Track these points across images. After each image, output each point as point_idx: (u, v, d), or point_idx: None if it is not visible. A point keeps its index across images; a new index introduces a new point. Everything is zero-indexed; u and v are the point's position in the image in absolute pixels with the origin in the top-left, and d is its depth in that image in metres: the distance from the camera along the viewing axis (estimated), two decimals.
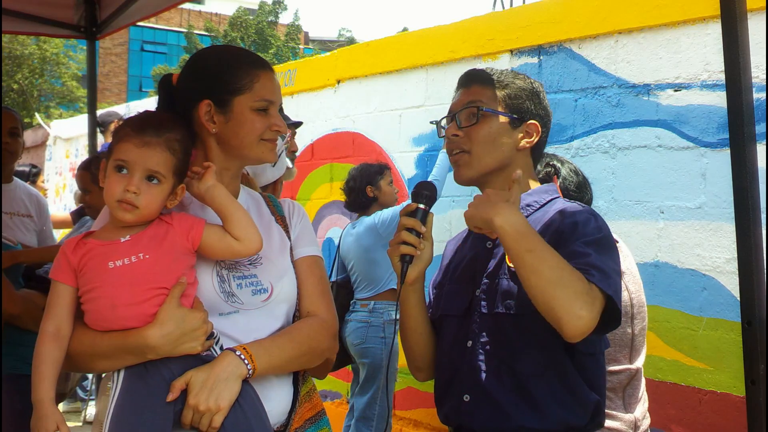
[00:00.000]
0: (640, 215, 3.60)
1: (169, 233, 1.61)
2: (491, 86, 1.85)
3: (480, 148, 1.81)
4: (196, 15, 37.67)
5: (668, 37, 3.54)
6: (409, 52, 4.98)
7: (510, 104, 1.84)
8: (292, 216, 1.88)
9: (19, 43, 23.54)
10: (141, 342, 1.53)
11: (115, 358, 1.56)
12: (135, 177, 1.57)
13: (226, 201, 1.66)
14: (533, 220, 1.80)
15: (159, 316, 1.54)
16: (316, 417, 1.78)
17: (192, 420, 1.53)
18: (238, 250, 1.66)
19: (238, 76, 1.73)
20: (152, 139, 1.59)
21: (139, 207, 1.57)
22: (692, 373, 3.36)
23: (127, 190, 1.56)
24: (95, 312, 1.57)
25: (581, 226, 1.71)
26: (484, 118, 1.81)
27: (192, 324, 1.56)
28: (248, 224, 1.66)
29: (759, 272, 1.87)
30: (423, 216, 1.76)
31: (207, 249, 1.64)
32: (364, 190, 4.39)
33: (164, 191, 1.60)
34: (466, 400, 1.77)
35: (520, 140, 1.84)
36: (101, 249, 1.58)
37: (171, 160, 1.60)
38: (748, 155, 1.88)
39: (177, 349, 1.55)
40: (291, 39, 32.38)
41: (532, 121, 1.84)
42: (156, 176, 1.58)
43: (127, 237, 1.59)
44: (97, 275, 1.57)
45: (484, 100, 1.83)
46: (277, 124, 1.76)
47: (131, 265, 1.56)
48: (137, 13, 3.97)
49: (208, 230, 1.64)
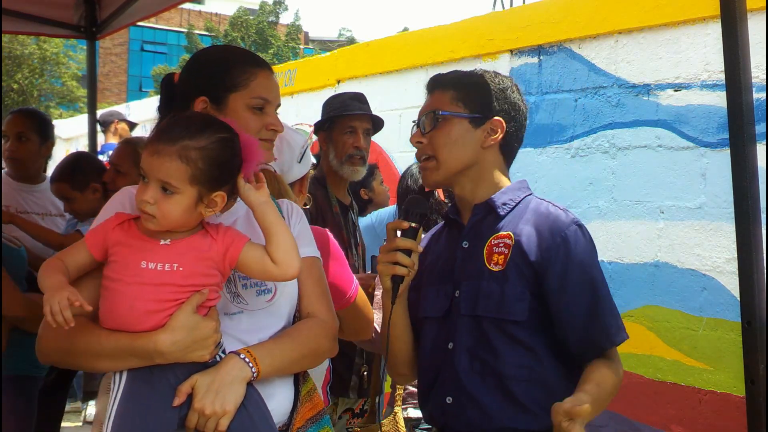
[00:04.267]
0: (640, 215, 3.60)
1: (211, 248, 1.56)
2: (450, 89, 1.88)
3: (443, 153, 1.84)
4: (196, 15, 37.66)
5: (668, 37, 3.53)
6: (409, 52, 4.98)
7: (470, 104, 1.85)
8: (291, 217, 1.88)
9: (19, 43, 23.54)
10: (150, 347, 1.51)
11: (120, 359, 1.54)
12: (150, 187, 1.51)
13: (276, 221, 1.62)
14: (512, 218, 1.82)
15: (171, 323, 1.52)
16: (317, 416, 1.78)
17: (197, 424, 1.52)
18: (274, 274, 1.61)
19: (234, 74, 1.73)
20: (164, 148, 1.51)
21: (156, 218, 1.51)
22: (692, 373, 3.36)
23: (143, 200, 1.51)
24: (111, 308, 1.54)
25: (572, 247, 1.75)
26: (443, 122, 1.84)
27: (203, 333, 1.54)
28: (291, 248, 1.62)
29: (759, 272, 1.88)
30: (414, 234, 1.79)
31: (243, 268, 1.60)
32: (358, 193, 4.41)
33: (182, 202, 1.52)
34: (449, 401, 1.78)
35: (485, 138, 1.85)
36: (139, 243, 1.54)
37: (185, 170, 1.50)
38: (748, 155, 1.89)
39: (186, 356, 1.53)
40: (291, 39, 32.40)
41: (496, 117, 1.85)
42: (169, 187, 1.51)
43: (168, 241, 1.55)
44: (125, 269, 1.53)
45: (442, 105, 1.86)
46: (273, 123, 1.75)
47: (162, 273, 1.52)
48: (137, 13, 3.98)
49: (247, 249, 1.58)
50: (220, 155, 1.54)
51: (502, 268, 1.76)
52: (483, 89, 1.87)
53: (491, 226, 1.82)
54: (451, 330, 1.80)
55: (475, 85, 1.88)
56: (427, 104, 1.91)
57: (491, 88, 1.87)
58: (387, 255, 1.78)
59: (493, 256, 1.78)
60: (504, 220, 1.82)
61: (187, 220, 1.55)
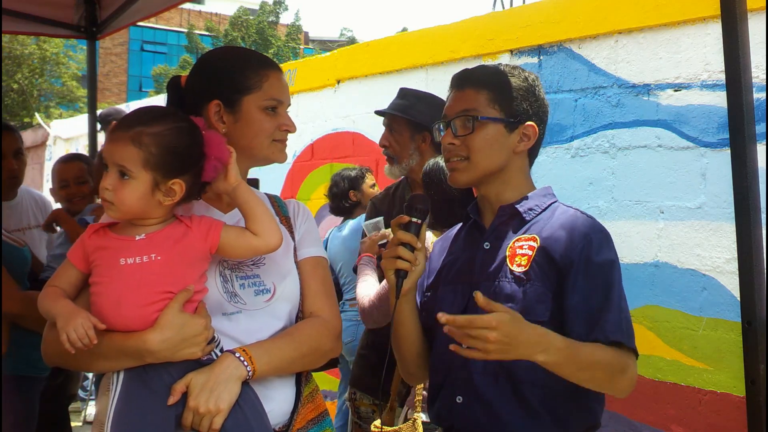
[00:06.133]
0: (640, 215, 3.60)
1: (187, 236, 1.59)
2: (485, 88, 1.81)
3: (478, 156, 1.79)
4: (197, 15, 37.66)
5: (668, 37, 3.53)
6: (409, 52, 4.98)
7: (505, 107, 1.80)
8: (297, 216, 1.89)
9: (19, 43, 23.52)
10: (141, 346, 1.53)
11: (114, 359, 1.56)
12: (110, 173, 1.56)
13: (250, 198, 1.67)
14: (537, 222, 1.79)
15: (159, 321, 1.54)
16: (318, 418, 1.78)
17: (192, 422, 1.53)
18: (257, 246, 1.65)
19: (247, 76, 1.73)
20: (120, 134, 1.57)
21: (114, 203, 1.55)
22: (692, 373, 3.36)
23: (103, 187, 1.56)
24: (100, 309, 1.56)
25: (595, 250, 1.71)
26: (479, 126, 1.79)
27: (193, 330, 1.55)
28: (270, 220, 1.67)
29: (759, 272, 1.88)
30: (416, 230, 1.75)
31: (227, 249, 1.63)
32: (348, 195, 4.42)
33: (138, 187, 1.55)
34: (459, 401, 1.75)
35: (518, 143, 1.82)
36: (115, 243, 1.58)
37: (138, 154, 1.54)
38: (748, 155, 1.89)
39: (176, 354, 1.54)
40: (291, 39, 32.39)
41: (530, 122, 1.82)
42: (126, 172, 1.55)
43: (142, 235, 1.58)
44: (107, 270, 1.56)
45: (478, 106, 1.80)
46: (286, 123, 1.77)
47: (141, 265, 1.55)
48: (137, 13, 3.98)
49: (226, 229, 1.63)
50: (174, 142, 1.58)
51: (525, 269, 1.72)
52: (518, 91, 1.82)
53: (516, 229, 1.80)
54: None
55: (510, 86, 1.82)
56: (458, 102, 1.83)
57: (525, 90, 1.82)
58: (389, 249, 1.76)
59: (516, 257, 1.74)
60: (529, 224, 1.79)
61: (144, 207, 1.57)
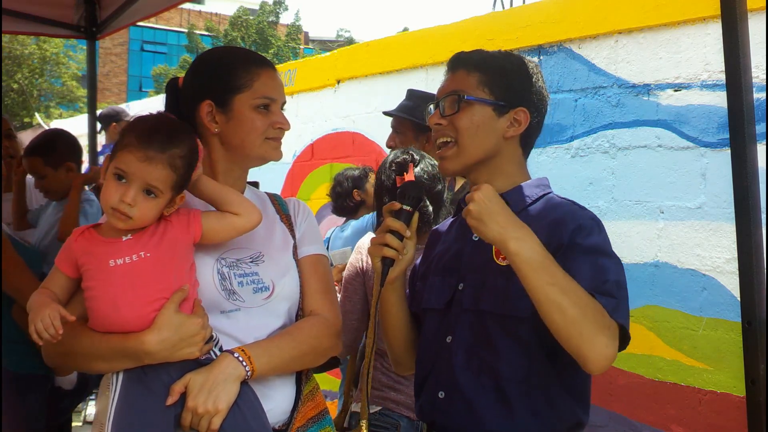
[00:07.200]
0: (640, 215, 3.60)
1: (169, 229, 1.60)
2: (476, 70, 1.76)
3: (465, 139, 1.73)
4: (197, 15, 37.65)
5: (668, 37, 3.53)
6: (409, 52, 4.98)
7: (495, 90, 1.74)
8: (297, 215, 1.89)
9: (19, 43, 23.53)
10: (138, 347, 1.53)
11: (113, 360, 1.56)
12: (132, 189, 1.55)
13: (214, 187, 1.67)
14: (527, 214, 1.72)
15: (156, 322, 1.54)
16: (318, 416, 1.78)
17: (191, 422, 1.53)
18: (241, 224, 1.66)
19: (237, 75, 1.73)
20: (155, 155, 1.55)
21: (133, 218, 1.55)
22: (692, 373, 3.36)
23: (122, 201, 1.54)
24: (97, 312, 1.57)
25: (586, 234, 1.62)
26: (466, 106, 1.72)
27: (190, 330, 1.55)
28: (242, 200, 1.68)
29: (759, 272, 1.88)
30: (407, 218, 1.71)
31: (211, 234, 1.64)
32: (351, 194, 4.42)
33: (160, 205, 1.58)
34: (441, 396, 1.72)
35: (507, 128, 1.75)
36: (103, 246, 1.58)
37: (171, 176, 1.57)
38: (749, 155, 1.89)
39: (174, 354, 1.55)
40: (291, 39, 32.38)
41: (521, 107, 1.75)
42: (154, 191, 1.56)
43: (129, 236, 1.58)
44: (97, 273, 1.57)
45: (467, 87, 1.74)
46: (279, 121, 1.76)
47: (132, 264, 1.55)
48: (137, 13, 3.98)
49: (206, 215, 1.64)
50: (193, 161, 1.62)
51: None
52: (510, 75, 1.75)
53: None
54: (452, 323, 1.73)
55: (503, 69, 1.76)
56: (449, 84, 1.78)
57: (519, 74, 1.77)
58: (377, 236, 1.72)
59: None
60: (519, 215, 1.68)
61: (154, 219, 1.60)
